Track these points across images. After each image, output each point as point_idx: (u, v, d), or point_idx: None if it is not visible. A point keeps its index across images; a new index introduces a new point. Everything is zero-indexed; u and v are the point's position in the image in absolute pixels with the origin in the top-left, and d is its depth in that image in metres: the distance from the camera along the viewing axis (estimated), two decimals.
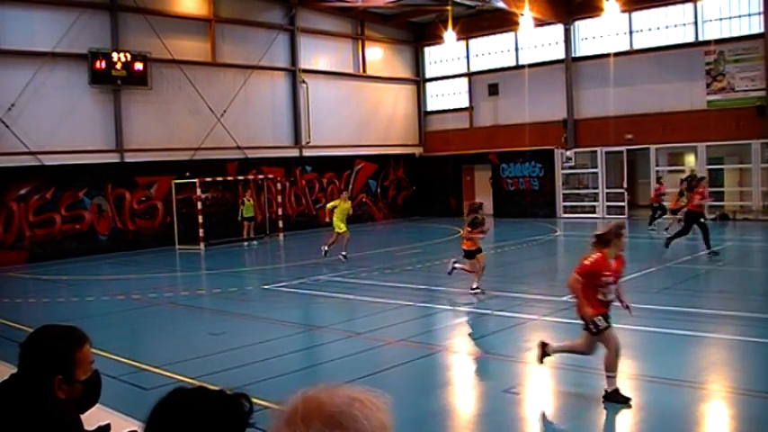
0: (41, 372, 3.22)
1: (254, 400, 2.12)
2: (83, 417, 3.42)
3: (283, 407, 1.69)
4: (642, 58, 33.84)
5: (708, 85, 32.33)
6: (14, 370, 3.30)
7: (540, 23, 34.19)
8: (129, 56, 28.07)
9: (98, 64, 27.37)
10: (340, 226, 22.72)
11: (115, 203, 28.25)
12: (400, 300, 15.87)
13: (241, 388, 2.16)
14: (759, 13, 31.01)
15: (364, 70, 38.64)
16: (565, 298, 15.18)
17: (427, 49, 41.39)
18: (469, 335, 13.05)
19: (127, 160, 28.63)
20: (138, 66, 28.45)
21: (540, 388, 9.79)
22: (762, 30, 30.88)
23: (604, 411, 8.60)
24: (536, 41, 37.11)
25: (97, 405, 3.50)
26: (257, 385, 9.29)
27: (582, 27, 35.88)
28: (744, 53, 31.49)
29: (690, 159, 34.96)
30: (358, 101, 38.17)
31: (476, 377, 10.54)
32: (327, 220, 23.87)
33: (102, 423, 3.54)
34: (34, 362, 3.25)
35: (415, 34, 40.93)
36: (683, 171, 32.20)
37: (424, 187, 40.38)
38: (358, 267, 21.20)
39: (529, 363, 10.75)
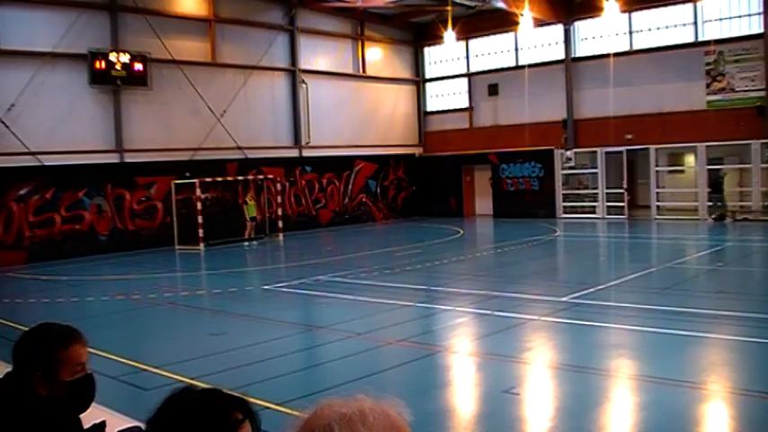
0: (23, 367, 3.22)
1: (255, 401, 2.10)
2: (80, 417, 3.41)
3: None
4: (642, 58, 33.86)
5: (708, 86, 32.34)
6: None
7: (539, 24, 34.20)
8: (128, 56, 28.08)
9: (98, 64, 27.35)
10: None
11: (115, 204, 28.24)
12: (400, 300, 15.86)
13: (241, 388, 2.15)
14: (759, 14, 31.01)
15: (364, 71, 38.65)
16: (565, 298, 15.19)
17: (427, 50, 41.41)
18: (469, 335, 13.04)
19: (127, 160, 28.61)
20: (138, 66, 28.43)
21: (540, 388, 9.79)
22: (761, 30, 30.89)
23: (605, 412, 8.60)
24: (536, 42, 37.11)
25: (96, 405, 3.48)
26: (257, 386, 9.29)
27: (582, 27, 35.89)
28: (744, 53, 31.50)
29: (690, 160, 34.98)
30: (358, 101, 38.17)
31: (476, 377, 10.53)
32: None
33: (97, 421, 3.53)
34: (18, 358, 3.25)
35: (415, 34, 40.94)
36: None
37: (423, 187, 40.40)
38: (358, 268, 21.20)
39: (529, 363, 10.76)
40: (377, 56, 39.47)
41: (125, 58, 27.99)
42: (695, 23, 32.74)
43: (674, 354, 10.75)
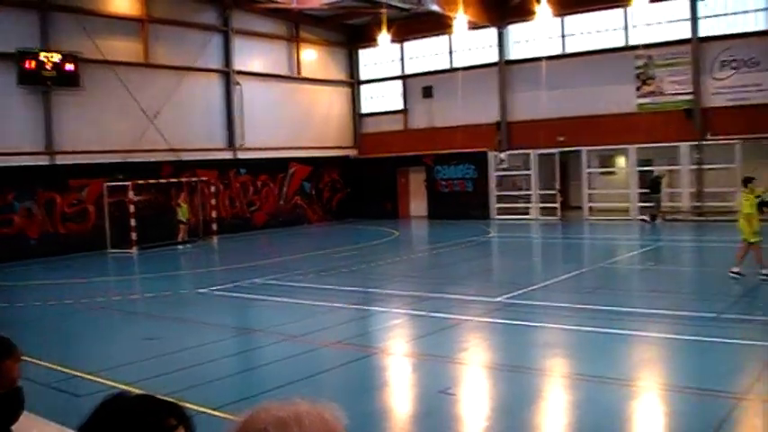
0: None
1: (191, 406, 2.09)
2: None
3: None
4: (574, 61, 34.36)
5: (638, 89, 32.98)
6: None
7: (473, 27, 34.39)
8: (59, 56, 27.56)
9: (27, 64, 26.79)
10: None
11: (46, 207, 27.69)
12: (336, 302, 15.85)
13: (176, 393, 2.15)
14: (687, 19, 31.72)
15: (299, 72, 38.54)
16: (499, 299, 15.34)
17: (362, 52, 41.42)
18: (405, 336, 13.10)
19: (58, 162, 28.07)
20: (69, 66, 27.90)
21: (475, 388, 9.87)
22: (689, 35, 31.62)
23: (540, 410, 8.71)
24: (470, 44, 37.39)
25: (28, 413, 3.43)
26: (193, 390, 9.22)
27: (515, 31, 36.29)
28: (672, 58, 32.18)
29: (621, 161, 35.61)
30: (293, 103, 38.02)
31: (412, 378, 10.58)
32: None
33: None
34: None
35: (350, 36, 40.94)
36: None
37: (359, 189, 40.41)
38: (293, 270, 21.12)
39: (464, 363, 10.84)
40: (312, 57, 39.41)
41: (56, 57, 27.47)
42: (626, 28, 33.35)
43: (607, 352, 10.94)
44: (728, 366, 9.97)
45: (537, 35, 35.33)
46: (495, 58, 36.72)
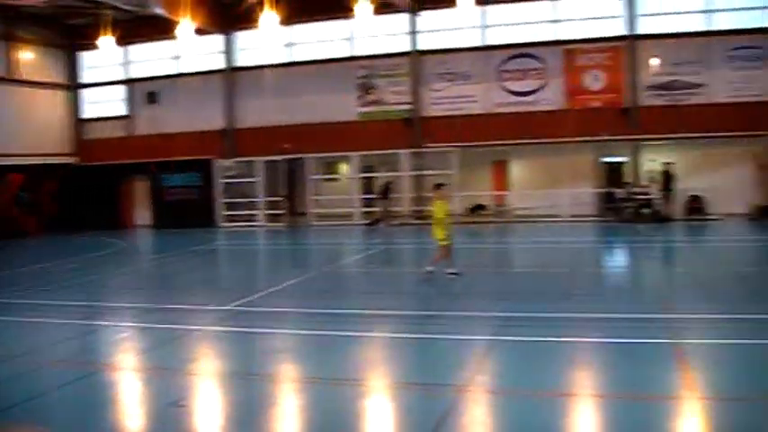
0: None
1: None
2: None
3: None
4: (300, 70, 35.06)
5: (360, 98, 34.18)
6: None
7: (200, 32, 34.10)
8: None
9: None
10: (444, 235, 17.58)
11: None
12: (58, 318, 15.17)
13: None
14: (407, 33, 33.30)
15: (14, 74, 36.41)
16: (228, 306, 15.34)
17: (83, 54, 39.89)
18: (133, 350, 12.78)
19: None
20: None
21: (207, 398, 9.83)
22: (409, 48, 33.19)
23: (272, 416, 8.81)
24: (196, 50, 37.09)
25: None
26: None
27: (243, 38, 36.42)
28: (393, 69, 33.63)
29: (344, 168, 36.66)
30: (7, 106, 35.90)
31: (142, 393, 10.34)
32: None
33: None
34: None
35: (71, 37, 39.26)
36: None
37: (80, 199, 38.63)
38: (9, 286, 19.95)
39: (195, 374, 10.76)
40: (28, 58, 37.43)
41: None
42: (350, 39, 34.45)
43: (336, 353, 11.25)
44: (451, 360, 10.58)
45: (264, 43, 35.64)
46: (221, 64, 36.67)
